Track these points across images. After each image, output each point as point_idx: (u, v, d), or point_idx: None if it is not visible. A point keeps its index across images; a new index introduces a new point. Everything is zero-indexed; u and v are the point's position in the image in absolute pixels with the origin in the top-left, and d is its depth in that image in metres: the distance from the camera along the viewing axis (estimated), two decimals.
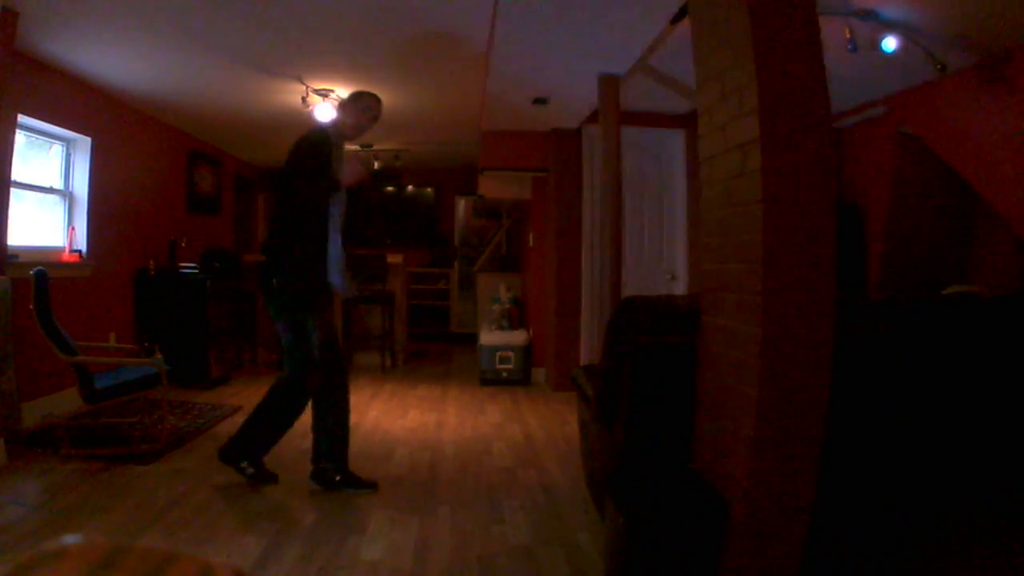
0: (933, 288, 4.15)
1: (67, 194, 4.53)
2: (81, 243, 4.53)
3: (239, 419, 4.13)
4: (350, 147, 7.40)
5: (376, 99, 3.01)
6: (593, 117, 4.62)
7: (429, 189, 8.85)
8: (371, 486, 2.94)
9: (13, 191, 3.59)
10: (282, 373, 3.00)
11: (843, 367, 1.71)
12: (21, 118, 3.79)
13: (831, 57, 1.73)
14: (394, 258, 6.44)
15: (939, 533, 2.10)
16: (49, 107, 4.12)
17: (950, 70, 3.69)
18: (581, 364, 4.92)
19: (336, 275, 2.88)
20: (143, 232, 5.32)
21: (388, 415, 4.48)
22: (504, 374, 5.53)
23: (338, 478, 2.91)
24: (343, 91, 4.80)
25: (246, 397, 4.78)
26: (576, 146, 5.31)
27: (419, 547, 2.39)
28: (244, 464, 2.93)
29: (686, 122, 5.22)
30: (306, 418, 2.98)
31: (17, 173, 3.82)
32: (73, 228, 4.51)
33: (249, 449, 2.94)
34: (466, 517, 2.68)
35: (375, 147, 7.20)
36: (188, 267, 5.47)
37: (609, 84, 3.86)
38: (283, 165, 2.89)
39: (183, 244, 5.79)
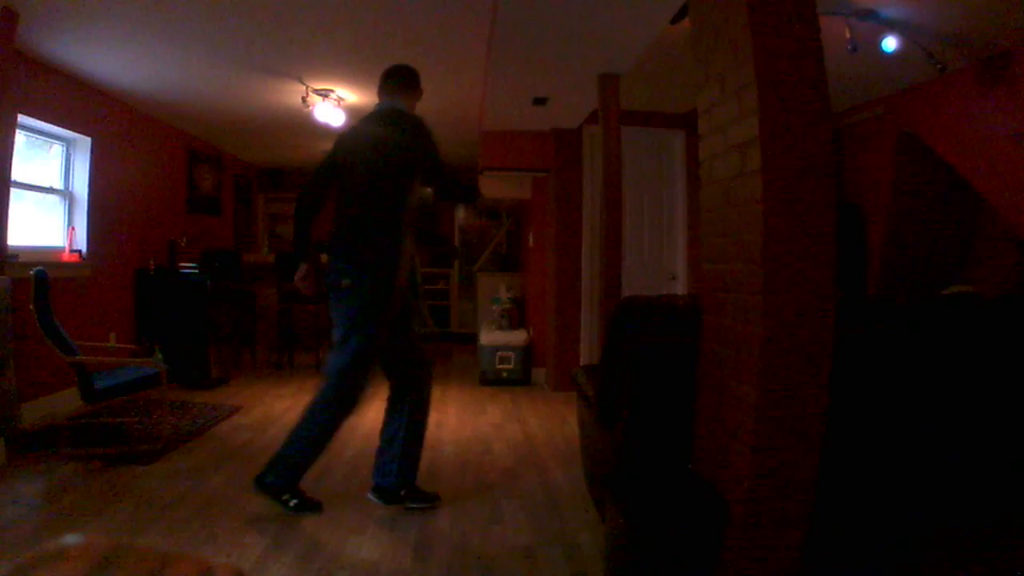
0: (933, 288, 4.15)
1: (67, 194, 4.53)
2: (81, 243, 4.53)
3: (239, 419, 4.15)
4: None
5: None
6: (593, 117, 4.62)
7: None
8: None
9: (13, 191, 3.59)
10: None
11: (843, 367, 1.71)
12: (21, 118, 3.79)
13: (831, 57, 1.73)
14: None
15: (939, 533, 2.10)
16: (49, 107, 4.12)
17: (950, 70, 3.69)
18: (581, 364, 4.92)
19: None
20: (143, 232, 5.32)
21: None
22: (504, 374, 5.53)
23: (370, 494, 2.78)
24: (343, 91, 4.80)
25: (246, 397, 4.79)
26: (576, 146, 5.31)
27: (419, 547, 2.39)
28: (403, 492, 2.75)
29: (686, 122, 5.23)
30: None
31: (17, 173, 3.82)
32: (73, 228, 4.51)
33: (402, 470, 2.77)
34: (466, 517, 2.68)
35: None
36: (188, 267, 5.47)
37: (609, 84, 3.86)
38: (383, 145, 2.67)
39: (183, 244, 5.79)
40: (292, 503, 2.60)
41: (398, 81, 2.82)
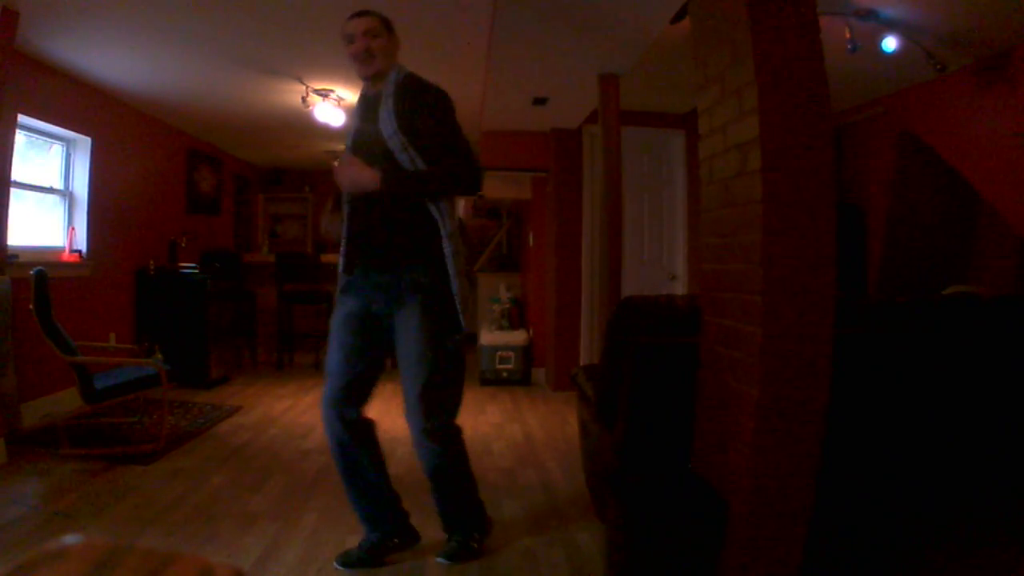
0: (933, 288, 4.14)
1: (67, 194, 4.53)
2: (81, 243, 4.53)
3: (239, 419, 4.15)
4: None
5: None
6: (593, 117, 4.62)
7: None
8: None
9: (13, 191, 3.59)
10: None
11: (843, 367, 1.71)
12: (21, 118, 3.79)
13: (831, 57, 1.73)
14: None
15: (939, 533, 2.10)
16: (49, 107, 4.11)
17: (950, 70, 3.69)
18: (581, 364, 4.92)
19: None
20: (143, 232, 5.32)
21: (388, 414, 4.46)
22: (504, 374, 5.53)
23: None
24: (343, 91, 4.79)
25: (246, 397, 4.79)
26: (576, 146, 5.31)
27: (419, 547, 2.38)
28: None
29: (686, 122, 5.23)
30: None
31: (17, 173, 3.82)
32: (73, 228, 4.51)
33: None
34: None
35: None
36: (188, 267, 5.47)
37: (609, 84, 3.86)
38: (435, 118, 2.25)
39: (183, 244, 5.79)
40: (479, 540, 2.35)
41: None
